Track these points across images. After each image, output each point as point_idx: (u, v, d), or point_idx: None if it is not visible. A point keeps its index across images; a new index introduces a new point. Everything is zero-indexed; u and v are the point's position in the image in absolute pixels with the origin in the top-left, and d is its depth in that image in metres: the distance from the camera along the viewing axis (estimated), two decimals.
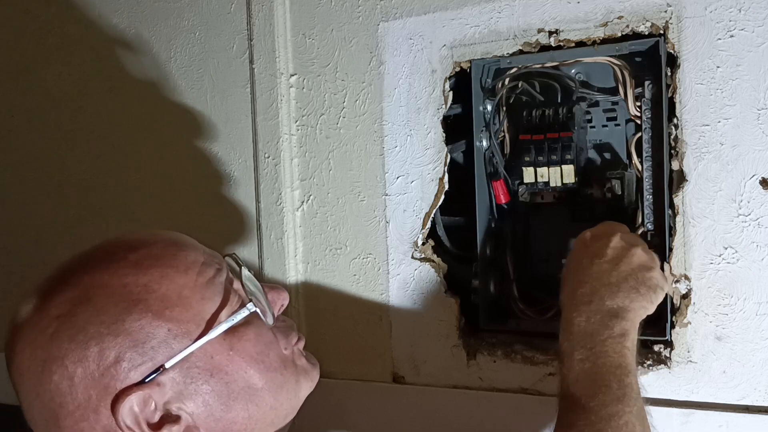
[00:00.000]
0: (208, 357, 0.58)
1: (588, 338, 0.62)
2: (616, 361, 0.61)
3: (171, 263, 0.60)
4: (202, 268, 0.61)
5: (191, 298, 0.59)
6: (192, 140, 1.02)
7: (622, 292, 0.65)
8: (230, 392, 0.59)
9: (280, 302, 0.67)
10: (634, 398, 0.60)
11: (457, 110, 0.88)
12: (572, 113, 0.81)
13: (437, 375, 0.88)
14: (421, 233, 0.88)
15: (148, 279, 0.58)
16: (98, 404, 0.55)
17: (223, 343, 0.59)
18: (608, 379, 0.60)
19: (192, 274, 0.60)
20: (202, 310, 0.59)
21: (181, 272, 0.60)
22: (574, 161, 0.81)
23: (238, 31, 0.97)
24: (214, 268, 0.62)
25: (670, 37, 0.74)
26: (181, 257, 0.61)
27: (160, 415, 0.56)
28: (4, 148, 1.18)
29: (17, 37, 1.15)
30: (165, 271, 0.59)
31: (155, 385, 0.56)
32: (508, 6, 0.81)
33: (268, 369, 0.62)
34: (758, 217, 0.72)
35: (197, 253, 0.63)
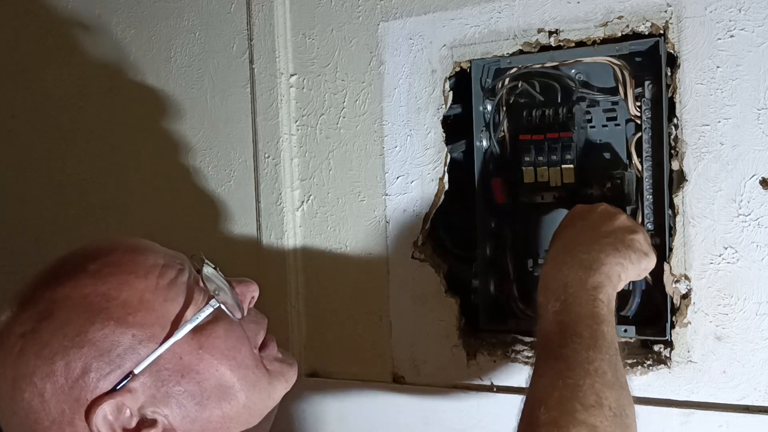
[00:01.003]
0: (177, 358, 0.58)
1: (561, 289, 0.62)
2: (588, 311, 0.60)
3: (130, 269, 0.60)
4: (162, 270, 0.61)
5: (153, 302, 0.59)
6: (192, 140, 1.02)
7: (598, 246, 0.64)
8: (203, 391, 0.59)
9: (250, 295, 0.67)
10: (606, 346, 0.58)
11: (457, 110, 0.88)
12: (572, 113, 0.81)
13: (437, 375, 0.88)
14: (421, 233, 0.88)
15: (107, 287, 0.58)
16: (72, 417, 0.55)
17: (192, 343, 0.59)
18: (579, 328, 0.59)
19: (152, 278, 0.60)
20: (166, 312, 0.59)
21: (140, 277, 0.59)
22: (574, 161, 0.81)
23: (238, 31, 0.97)
24: (176, 269, 0.62)
25: (670, 37, 0.74)
26: (139, 262, 0.61)
27: (137, 420, 0.57)
28: (4, 148, 1.18)
29: (17, 37, 1.15)
30: (124, 277, 0.59)
31: (126, 392, 0.56)
32: (508, 6, 0.81)
33: (239, 366, 0.61)
34: (758, 217, 0.72)
35: (157, 256, 0.62)
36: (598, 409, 0.54)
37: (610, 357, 0.58)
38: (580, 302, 0.61)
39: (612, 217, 0.68)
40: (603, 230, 0.66)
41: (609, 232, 0.66)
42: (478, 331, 0.87)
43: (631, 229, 0.67)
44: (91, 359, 0.55)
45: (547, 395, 0.55)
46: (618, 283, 0.64)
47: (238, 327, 0.63)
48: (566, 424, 0.52)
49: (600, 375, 0.56)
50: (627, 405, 0.56)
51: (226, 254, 1.00)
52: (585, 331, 0.59)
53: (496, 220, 0.88)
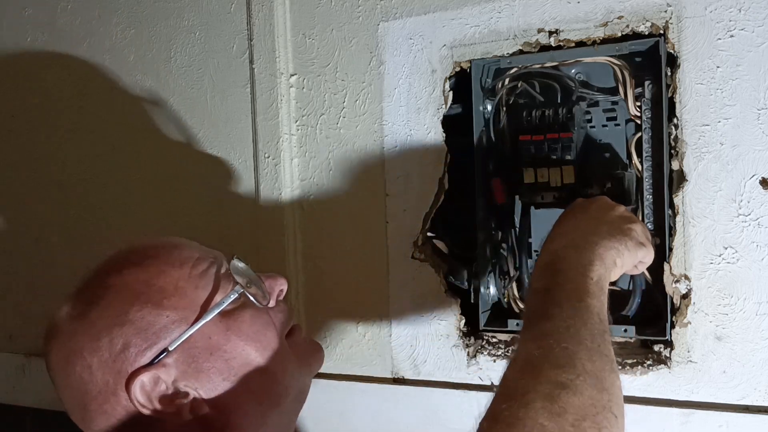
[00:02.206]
0: (206, 338, 0.64)
1: (550, 267, 0.62)
2: (576, 285, 0.59)
3: (167, 260, 0.67)
4: (196, 262, 0.68)
5: (186, 288, 0.65)
6: (192, 140, 1.02)
7: (592, 231, 0.65)
8: (230, 368, 0.65)
9: (278, 288, 0.72)
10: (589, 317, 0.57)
11: (457, 110, 0.88)
12: (572, 113, 0.81)
13: (437, 375, 0.88)
14: (421, 233, 0.88)
15: (147, 275, 0.65)
16: (115, 387, 0.62)
17: (220, 325, 0.65)
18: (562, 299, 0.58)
19: (186, 268, 0.66)
20: (197, 297, 0.65)
21: (176, 267, 0.66)
22: (574, 161, 0.81)
23: (238, 31, 0.97)
24: (208, 261, 0.68)
25: (670, 37, 0.74)
26: (175, 254, 0.68)
27: (171, 392, 0.63)
28: (4, 148, 1.18)
29: (17, 37, 1.15)
30: (162, 267, 0.66)
31: (161, 366, 0.62)
32: (508, 6, 0.81)
33: (265, 348, 0.66)
34: (758, 217, 0.72)
35: (192, 250, 0.69)
36: (570, 368, 0.52)
37: (592, 326, 0.56)
38: (568, 277, 0.60)
39: (611, 208, 0.69)
40: (601, 220, 0.67)
41: (607, 220, 0.67)
42: (478, 331, 0.87)
43: (629, 219, 0.68)
44: (131, 336, 0.62)
45: (517, 356, 0.55)
46: (612, 268, 0.63)
47: (264, 314, 0.68)
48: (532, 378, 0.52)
49: (577, 341, 0.54)
50: (607, 372, 0.54)
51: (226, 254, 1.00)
52: (568, 302, 0.58)
53: (496, 220, 0.88)
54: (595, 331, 0.56)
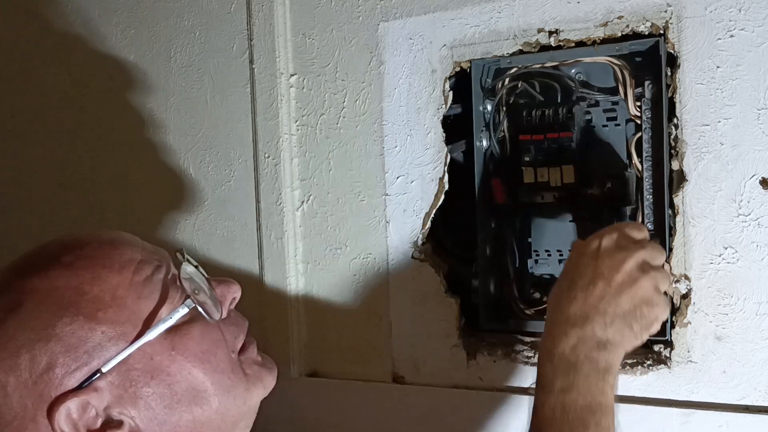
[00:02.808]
0: (147, 358, 0.56)
1: (571, 369, 0.60)
2: (596, 400, 0.59)
3: (104, 263, 0.57)
4: (138, 266, 0.58)
5: (126, 298, 0.56)
6: (192, 140, 1.02)
7: (616, 326, 0.61)
8: (173, 394, 0.57)
9: (231, 296, 0.64)
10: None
11: (457, 110, 0.88)
12: (572, 113, 0.81)
13: (437, 375, 0.88)
14: (421, 233, 0.88)
15: (79, 281, 0.56)
16: (35, 413, 0.53)
17: (164, 343, 0.57)
18: (586, 419, 0.59)
19: (127, 273, 0.57)
20: (139, 310, 0.57)
21: (114, 272, 0.57)
22: (574, 161, 0.81)
23: (238, 31, 0.97)
24: (153, 265, 0.60)
25: (670, 37, 0.74)
26: (114, 256, 0.58)
27: (102, 420, 0.54)
28: (4, 148, 1.18)
29: (17, 37, 1.15)
30: (97, 271, 0.57)
31: (92, 390, 0.54)
32: (508, 6, 0.81)
33: (214, 370, 0.59)
34: (758, 217, 0.72)
35: (134, 250, 0.60)
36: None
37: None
38: (590, 389, 0.59)
39: (635, 283, 0.62)
40: (623, 302, 0.62)
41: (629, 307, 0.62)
42: (478, 331, 0.87)
43: (650, 302, 0.63)
44: (58, 354, 0.53)
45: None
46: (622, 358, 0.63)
47: (215, 329, 0.60)
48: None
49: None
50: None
51: (227, 254, 1.00)
52: (591, 424, 0.59)
53: (496, 220, 0.88)
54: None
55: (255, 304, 0.96)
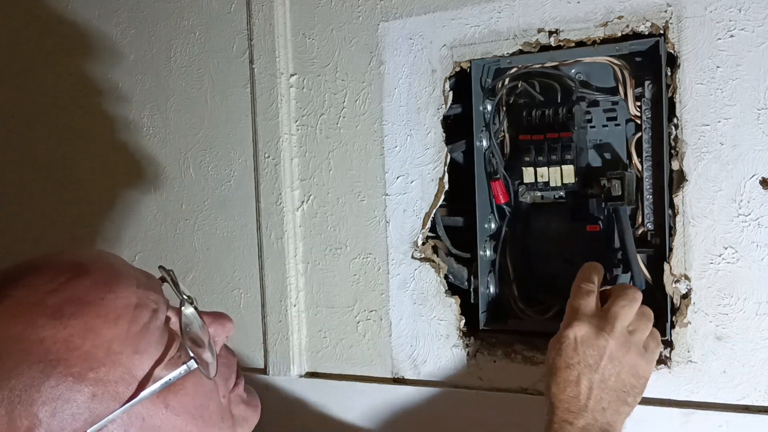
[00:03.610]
0: (139, 420, 0.51)
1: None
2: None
3: (98, 311, 0.51)
4: (135, 312, 0.53)
5: (121, 354, 0.51)
6: (192, 140, 1.02)
7: (612, 407, 0.66)
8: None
9: (224, 335, 0.59)
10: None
11: (457, 110, 0.88)
12: (572, 113, 0.81)
13: (437, 375, 0.88)
14: (421, 233, 0.88)
15: (69, 333, 0.49)
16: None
17: (157, 402, 0.52)
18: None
19: (123, 324, 0.51)
20: (134, 367, 0.51)
21: (110, 322, 0.51)
22: (574, 161, 0.81)
23: (238, 31, 0.97)
24: (149, 309, 0.54)
25: (670, 37, 0.74)
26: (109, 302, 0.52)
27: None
28: (4, 148, 1.18)
29: (17, 37, 1.15)
30: (90, 322, 0.50)
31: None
32: (508, 6, 0.81)
33: (206, 424, 0.55)
34: (758, 217, 0.72)
35: (129, 291, 0.54)
36: None
37: None
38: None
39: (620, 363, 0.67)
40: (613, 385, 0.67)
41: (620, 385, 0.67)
42: (478, 331, 0.87)
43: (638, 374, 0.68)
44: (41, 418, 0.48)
45: None
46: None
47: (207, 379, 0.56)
48: None
49: None
50: None
51: (226, 254, 1.00)
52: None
53: (496, 220, 0.87)
54: None
55: (255, 303, 0.96)
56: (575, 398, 0.66)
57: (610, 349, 0.66)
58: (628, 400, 0.67)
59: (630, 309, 0.69)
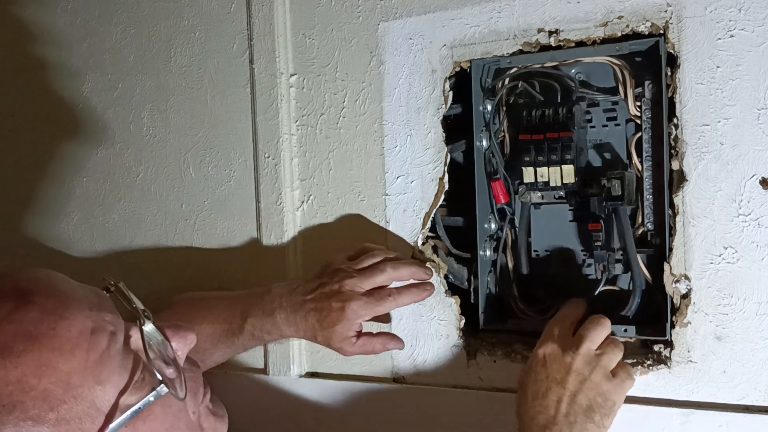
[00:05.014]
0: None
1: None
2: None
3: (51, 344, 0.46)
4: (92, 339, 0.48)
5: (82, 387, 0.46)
6: (192, 140, 1.02)
7: (579, 424, 0.67)
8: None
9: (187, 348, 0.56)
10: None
11: (457, 110, 0.88)
12: (572, 113, 0.81)
13: (437, 375, 0.88)
14: (421, 233, 0.88)
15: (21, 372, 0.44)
16: None
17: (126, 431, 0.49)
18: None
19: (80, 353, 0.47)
20: (97, 399, 0.47)
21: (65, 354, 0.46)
22: (574, 161, 0.81)
23: (238, 31, 0.97)
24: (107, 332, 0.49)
25: (670, 37, 0.74)
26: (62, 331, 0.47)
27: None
28: (4, 148, 1.18)
29: (17, 37, 1.15)
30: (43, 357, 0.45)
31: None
32: (508, 6, 0.81)
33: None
34: (758, 217, 0.72)
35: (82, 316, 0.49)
36: None
37: None
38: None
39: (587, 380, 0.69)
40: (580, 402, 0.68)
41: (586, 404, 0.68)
42: (478, 331, 0.87)
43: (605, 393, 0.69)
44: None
45: None
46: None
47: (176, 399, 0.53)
48: None
49: None
50: None
51: (227, 254, 1.00)
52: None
53: (496, 220, 0.87)
54: None
55: None
56: (544, 411, 0.68)
57: (576, 365, 0.69)
58: (594, 418, 0.68)
59: (598, 333, 0.72)
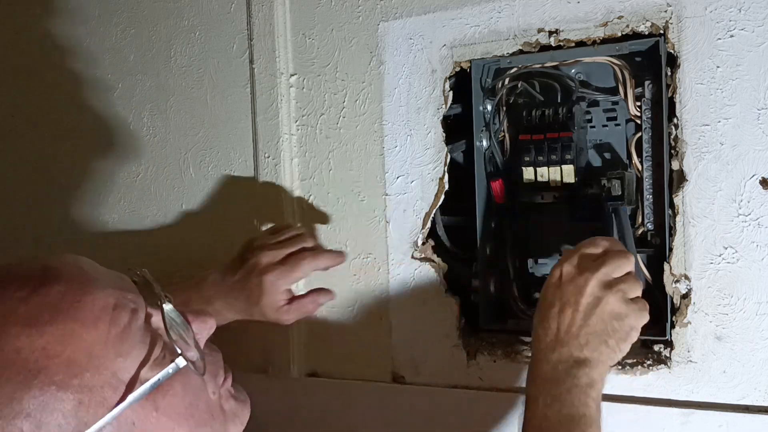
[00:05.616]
0: (129, 424, 0.50)
1: (553, 385, 0.62)
2: (579, 411, 0.61)
3: (75, 315, 0.49)
4: (114, 314, 0.51)
5: (104, 358, 0.49)
6: (192, 140, 1.02)
7: (591, 345, 0.64)
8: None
9: (207, 332, 0.58)
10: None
11: (457, 110, 0.88)
12: (572, 113, 0.81)
13: (437, 375, 0.88)
14: (421, 233, 0.88)
15: (46, 340, 0.47)
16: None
17: (146, 404, 0.51)
18: (571, 428, 0.60)
19: (102, 326, 0.50)
20: (119, 370, 0.50)
21: (88, 325, 0.49)
22: (574, 161, 0.81)
23: (238, 31, 0.97)
24: (128, 309, 0.52)
25: (670, 37, 0.74)
26: (86, 304, 0.50)
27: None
28: (4, 148, 1.18)
29: (17, 37, 1.15)
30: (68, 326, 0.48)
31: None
32: (508, 6, 0.81)
33: (197, 424, 0.54)
34: (758, 217, 0.72)
35: (106, 293, 0.52)
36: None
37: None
38: (573, 402, 0.61)
39: (601, 302, 0.65)
40: (593, 324, 0.65)
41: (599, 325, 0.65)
42: (478, 331, 0.87)
43: (620, 315, 0.65)
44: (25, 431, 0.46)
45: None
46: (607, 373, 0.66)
47: (196, 377, 0.55)
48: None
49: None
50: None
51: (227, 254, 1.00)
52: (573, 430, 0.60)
53: (496, 220, 0.88)
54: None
55: None
56: (555, 331, 0.65)
57: (591, 286, 0.65)
58: (609, 342, 0.64)
59: (620, 263, 0.67)
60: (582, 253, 0.68)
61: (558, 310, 0.66)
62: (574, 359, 0.63)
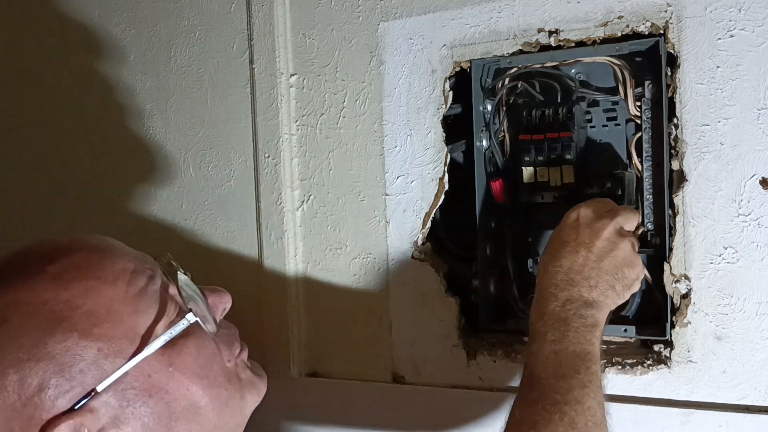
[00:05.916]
0: (145, 376, 0.53)
1: (561, 323, 0.64)
2: (585, 348, 0.63)
3: (96, 274, 0.54)
4: (132, 276, 0.56)
5: (122, 312, 0.53)
6: (192, 140, 1.02)
7: (600, 287, 0.66)
8: (171, 412, 0.54)
9: (222, 306, 0.63)
10: (597, 386, 0.62)
11: (457, 110, 0.88)
12: (572, 113, 0.81)
13: (437, 375, 0.88)
14: (421, 233, 0.88)
15: (70, 294, 0.52)
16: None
17: (162, 359, 0.54)
18: (577, 365, 0.62)
19: (121, 285, 0.55)
20: (136, 325, 0.54)
21: (108, 283, 0.54)
22: (574, 161, 0.81)
23: (238, 31, 0.97)
24: (146, 275, 0.57)
25: (670, 36, 0.74)
26: (107, 266, 0.55)
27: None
28: (4, 148, 1.18)
29: (17, 37, 1.15)
30: (90, 283, 0.53)
31: (87, 411, 0.50)
32: (508, 6, 0.81)
33: (211, 384, 0.57)
34: (758, 217, 0.72)
35: (125, 259, 0.57)
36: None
37: (598, 397, 0.61)
38: (579, 339, 0.63)
39: (615, 247, 0.67)
40: (605, 266, 0.66)
41: (611, 269, 0.66)
42: (478, 331, 0.87)
43: (630, 263, 0.68)
44: (50, 374, 0.50)
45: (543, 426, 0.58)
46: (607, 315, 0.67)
47: (210, 341, 0.59)
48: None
49: (591, 414, 0.59)
50: None
51: (227, 254, 1.00)
52: (582, 369, 0.62)
53: (496, 220, 0.88)
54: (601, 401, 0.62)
55: (255, 304, 0.96)
56: (566, 270, 0.66)
57: (608, 231, 0.67)
58: (616, 287, 0.66)
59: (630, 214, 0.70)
60: (598, 201, 0.71)
61: (571, 249, 0.67)
62: (583, 300, 0.65)
